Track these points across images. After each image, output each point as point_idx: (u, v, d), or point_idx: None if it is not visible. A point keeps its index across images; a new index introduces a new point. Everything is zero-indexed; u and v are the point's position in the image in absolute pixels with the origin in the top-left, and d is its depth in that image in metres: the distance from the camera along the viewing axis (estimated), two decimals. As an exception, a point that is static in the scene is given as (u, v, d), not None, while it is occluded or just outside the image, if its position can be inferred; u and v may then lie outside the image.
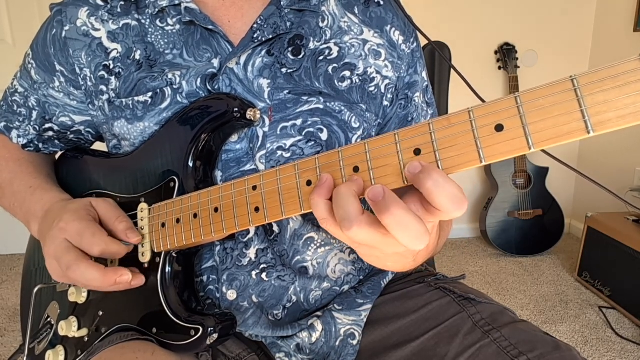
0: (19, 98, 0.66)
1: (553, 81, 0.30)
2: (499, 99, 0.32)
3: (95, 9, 0.60)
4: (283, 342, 0.60)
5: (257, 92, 0.56)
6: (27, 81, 0.65)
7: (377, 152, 0.37)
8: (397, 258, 0.42)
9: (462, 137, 0.33)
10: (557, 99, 0.30)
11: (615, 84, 0.29)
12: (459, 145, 0.33)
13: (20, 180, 0.64)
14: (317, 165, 0.40)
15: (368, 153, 0.37)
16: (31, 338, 0.65)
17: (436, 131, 0.34)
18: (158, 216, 0.55)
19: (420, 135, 0.35)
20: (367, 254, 0.42)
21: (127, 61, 0.58)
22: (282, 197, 0.43)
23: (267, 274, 0.60)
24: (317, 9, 0.59)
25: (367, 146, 0.37)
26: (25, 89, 0.65)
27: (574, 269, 2.09)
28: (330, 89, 0.58)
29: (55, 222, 0.53)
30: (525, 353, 0.51)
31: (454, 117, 0.33)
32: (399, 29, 0.62)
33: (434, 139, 0.34)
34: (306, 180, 0.41)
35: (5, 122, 0.67)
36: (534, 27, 2.46)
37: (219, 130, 0.54)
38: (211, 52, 0.57)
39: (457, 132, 0.33)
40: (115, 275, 0.50)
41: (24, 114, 0.66)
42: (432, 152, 0.34)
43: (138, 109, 0.57)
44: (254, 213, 0.45)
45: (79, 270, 0.50)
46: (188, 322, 0.52)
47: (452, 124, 0.33)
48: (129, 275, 0.51)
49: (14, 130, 0.67)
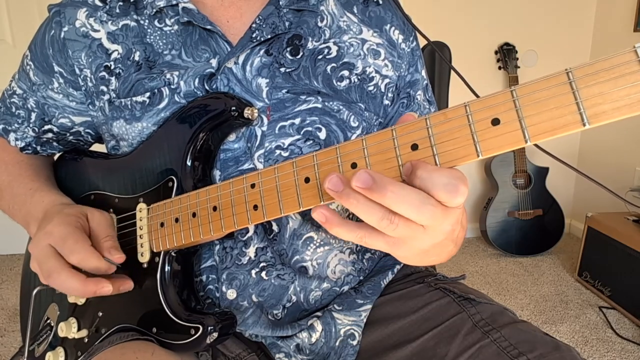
0: (18, 100, 0.66)
1: (548, 74, 0.30)
2: (495, 92, 0.32)
3: (94, 10, 0.59)
4: (283, 343, 0.60)
5: (255, 91, 0.56)
6: (25, 83, 0.65)
7: (375, 148, 0.37)
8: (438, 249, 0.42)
9: (458, 131, 0.33)
10: (553, 92, 0.30)
11: (610, 76, 0.29)
12: (455, 140, 0.34)
13: (19, 182, 0.64)
14: (315, 162, 0.40)
15: (366, 149, 0.37)
16: (31, 340, 0.65)
17: (433, 126, 0.34)
18: (157, 216, 0.55)
19: (417, 131, 0.35)
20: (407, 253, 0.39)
21: (127, 62, 0.58)
22: (280, 195, 0.43)
23: (267, 272, 0.60)
24: (316, 9, 0.59)
25: (364, 142, 0.37)
26: (24, 91, 0.65)
27: (574, 269, 2.09)
28: (328, 89, 0.58)
29: (44, 224, 0.53)
30: (525, 353, 0.51)
31: (450, 111, 0.34)
32: (398, 28, 0.62)
33: (430, 134, 0.34)
34: (304, 177, 0.41)
35: (4, 124, 0.67)
36: (534, 27, 2.46)
37: (217, 129, 0.54)
38: (209, 52, 0.57)
39: (453, 127, 0.34)
40: (96, 287, 0.50)
41: (23, 115, 0.66)
42: (429, 147, 0.34)
43: (136, 109, 0.57)
44: (252, 211, 0.45)
45: (59, 279, 0.50)
46: (188, 321, 0.52)
47: (449, 119, 0.34)
48: (109, 287, 0.51)
49: (12, 133, 0.67)
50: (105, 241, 0.54)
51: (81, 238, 0.52)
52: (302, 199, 0.41)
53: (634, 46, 0.29)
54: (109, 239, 0.54)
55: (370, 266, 0.69)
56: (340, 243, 0.63)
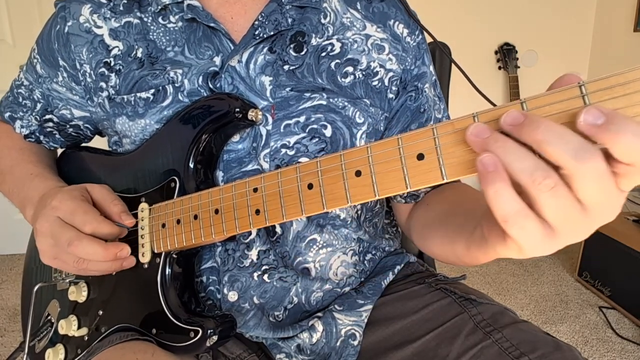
0: (24, 91, 0.68)
1: (560, 88, 0.29)
2: (506, 104, 0.31)
3: (98, 7, 0.60)
4: (284, 343, 0.60)
5: (259, 90, 0.56)
6: (32, 75, 0.66)
7: (380, 156, 0.36)
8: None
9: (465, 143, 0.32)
10: (564, 105, 0.29)
11: (625, 91, 0.28)
12: (463, 151, 0.32)
13: (21, 167, 0.65)
14: (319, 168, 0.40)
15: (370, 157, 0.37)
16: (31, 336, 0.65)
17: (440, 136, 0.33)
18: (158, 216, 0.55)
19: (423, 140, 0.34)
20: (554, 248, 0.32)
21: (128, 59, 0.58)
22: (283, 200, 0.42)
23: (269, 275, 0.59)
24: (319, 5, 0.59)
25: (369, 150, 0.37)
26: (30, 82, 0.67)
27: (574, 269, 2.09)
28: (333, 85, 0.58)
29: (49, 201, 0.54)
30: (527, 353, 0.51)
31: (458, 122, 0.33)
32: (402, 22, 0.62)
33: (437, 144, 0.33)
34: (307, 183, 0.40)
35: (11, 112, 0.69)
36: (534, 27, 2.46)
37: (220, 130, 0.54)
38: (213, 50, 0.57)
39: (461, 138, 0.32)
40: (116, 249, 0.52)
41: (29, 105, 0.67)
42: (435, 158, 0.34)
43: (139, 105, 0.57)
44: (254, 215, 0.45)
45: (80, 245, 0.50)
46: (188, 323, 0.51)
47: (457, 129, 0.33)
48: (128, 249, 0.53)
49: (18, 120, 0.69)
50: (115, 205, 0.56)
51: (90, 209, 0.53)
52: (304, 204, 0.41)
53: None
54: (116, 203, 0.56)
55: (372, 267, 0.69)
56: (343, 244, 0.63)
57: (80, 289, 0.62)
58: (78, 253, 0.51)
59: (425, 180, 0.34)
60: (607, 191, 0.28)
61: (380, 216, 0.70)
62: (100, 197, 0.56)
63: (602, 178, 0.27)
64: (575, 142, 0.27)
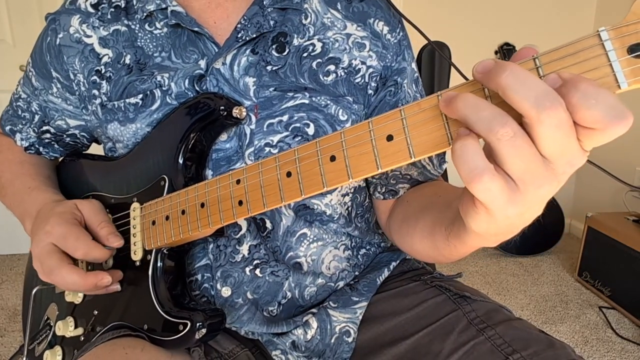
0: (22, 103, 0.69)
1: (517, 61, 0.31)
2: (464, 82, 0.32)
3: (86, 17, 0.61)
4: (279, 340, 0.60)
5: (243, 90, 0.57)
6: (28, 87, 0.68)
7: (352, 140, 0.37)
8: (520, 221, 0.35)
9: (432, 121, 0.33)
10: None
11: (575, 60, 0.29)
12: (429, 129, 0.34)
13: (20, 181, 0.67)
14: (297, 156, 0.41)
15: (344, 142, 0.38)
16: (30, 339, 0.66)
17: (407, 117, 0.34)
18: (149, 214, 0.56)
19: (392, 122, 0.35)
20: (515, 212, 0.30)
21: (118, 65, 0.60)
22: (263, 190, 0.43)
23: (261, 269, 0.60)
24: (300, 7, 0.60)
25: (342, 135, 0.38)
26: (28, 95, 0.68)
27: (574, 269, 2.09)
28: (315, 84, 0.58)
29: (42, 225, 0.56)
30: (519, 351, 0.50)
31: (424, 101, 0.34)
32: (382, 20, 0.62)
33: (405, 124, 0.34)
34: (286, 171, 0.42)
35: (11, 125, 0.71)
36: (534, 27, 2.46)
37: (208, 128, 0.55)
38: (198, 54, 0.58)
39: (428, 117, 0.33)
40: (95, 279, 0.53)
41: (27, 117, 0.69)
42: (404, 138, 0.34)
43: (130, 110, 0.58)
44: (237, 207, 0.46)
45: (59, 275, 0.53)
46: (177, 317, 0.52)
47: (423, 109, 0.34)
48: (108, 278, 0.54)
49: (18, 133, 0.70)
50: (101, 228, 0.57)
51: (81, 234, 0.55)
52: (284, 193, 0.42)
53: (597, 30, 0.29)
54: (104, 225, 0.57)
55: (366, 262, 0.69)
56: (334, 238, 0.64)
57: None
58: (57, 283, 0.54)
59: (394, 161, 0.35)
60: (568, 143, 0.27)
61: (372, 212, 0.70)
62: (89, 216, 0.58)
63: (562, 128, 0.27)
64: (537, 89, 0.26)
